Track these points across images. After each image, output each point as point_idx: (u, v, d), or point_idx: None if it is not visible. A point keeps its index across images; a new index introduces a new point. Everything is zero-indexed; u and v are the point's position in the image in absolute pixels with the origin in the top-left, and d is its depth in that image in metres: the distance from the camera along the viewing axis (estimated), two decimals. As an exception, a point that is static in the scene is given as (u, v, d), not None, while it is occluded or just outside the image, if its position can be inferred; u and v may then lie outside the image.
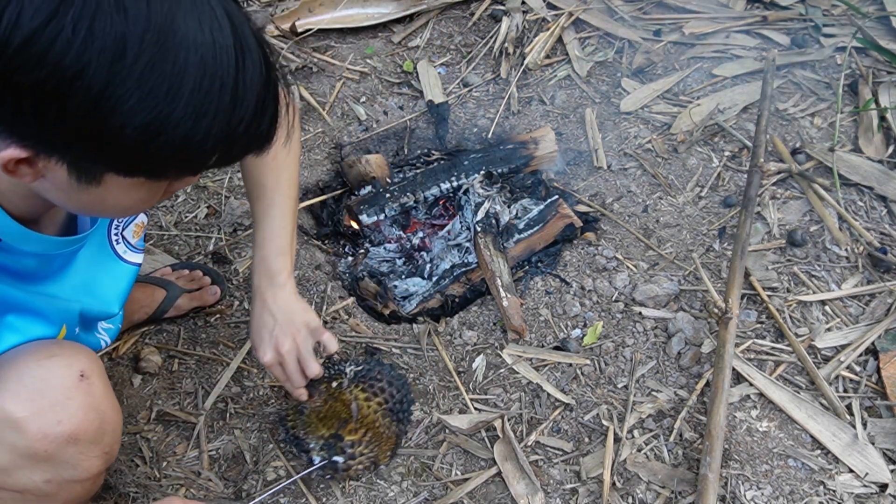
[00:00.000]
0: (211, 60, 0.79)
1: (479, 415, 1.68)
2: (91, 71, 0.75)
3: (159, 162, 0.85)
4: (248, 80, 0.83)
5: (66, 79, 0.75)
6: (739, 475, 1.57)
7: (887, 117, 2.14)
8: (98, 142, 0.81)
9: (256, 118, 0.86)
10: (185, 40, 0.77)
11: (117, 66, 0.75)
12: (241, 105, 0.83)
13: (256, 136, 0.89)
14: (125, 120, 0.78)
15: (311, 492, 1.60)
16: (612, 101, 2.31)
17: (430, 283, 1.99)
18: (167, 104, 0.78)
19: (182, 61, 0.77)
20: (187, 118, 0.80)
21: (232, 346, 1.83)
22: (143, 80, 0.76)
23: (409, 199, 2.05)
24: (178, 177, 0.93)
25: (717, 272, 1.90)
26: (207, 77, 0.79)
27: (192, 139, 0.82)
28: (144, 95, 0.77)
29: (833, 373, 1.70)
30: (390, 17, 2.53)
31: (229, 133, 0.84)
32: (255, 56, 0.84)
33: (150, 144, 0.81)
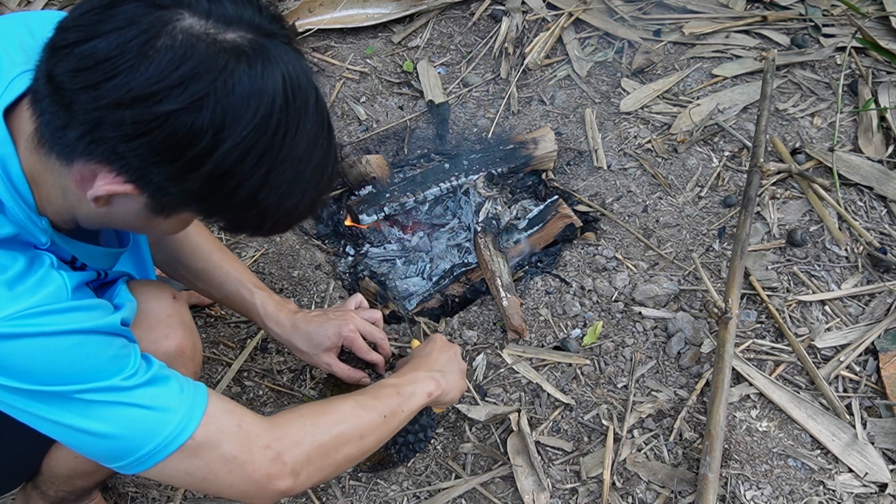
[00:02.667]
0: (321, 144, 0.94)
1: (496, 407, 1.68)
2: (263, 151, 0.88)
3: (255, 224, 0.98)
4: (331, 157, 0.98)
5: (236, 156, 0.87)
6: (739, 475, 1.57)
7: (887, 117, 2.14)
8: (224, 203, 0.92)
9: (327, 188, 1.01)
10: (312, 131, 0.92)
11: (284, 149, 0.89)
12: (323, 179, 0.98)
13: (320, 205, 1.03)
14: (270, 192, 0.91)
15: (311, 491, 1.60)
16: (611, 101, 2.31)
17: (430, 283, 1.99)
18: (296, 183, 0.93)
19: (311, 148, 0.92)
20: (301, 193, 0.95)
21: (232, 346, 1.84)
22: (294, 160, 0.91)
23: (408, 198, 2.05)
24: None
25: (717, 272, 1.90)
26: (317, 157, 0.94)
27: (296, 210, 0.97)
28: (290, 174, 0.91)
29: (833, 373, 1.70)
30: (390, 17, 2.53)
31: (311, 202, 0.99)
32: (334, 138, 0.99)
33: (267, 213, 0.95)
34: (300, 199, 0.95)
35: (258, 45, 0.87)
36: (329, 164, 0.97)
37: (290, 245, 2.01)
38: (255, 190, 0.90)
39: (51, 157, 0.90)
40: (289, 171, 0.91)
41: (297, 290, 1.93)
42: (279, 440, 1.06)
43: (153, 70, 0.81)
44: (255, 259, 1.96)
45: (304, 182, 0.93)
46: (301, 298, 1.93)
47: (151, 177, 0.87)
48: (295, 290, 1.93)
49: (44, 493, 1.38)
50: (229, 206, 0.92)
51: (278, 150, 0.88)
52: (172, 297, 1.24)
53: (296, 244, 2.02)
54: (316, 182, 0.96)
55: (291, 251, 2.00)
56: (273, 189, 0.91)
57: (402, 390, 1.31)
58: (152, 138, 0.83)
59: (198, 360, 1.27)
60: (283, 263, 1.97)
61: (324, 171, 0.96)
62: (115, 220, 0.99)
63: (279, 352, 1.83)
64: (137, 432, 0.94)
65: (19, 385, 0.89)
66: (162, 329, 1.18)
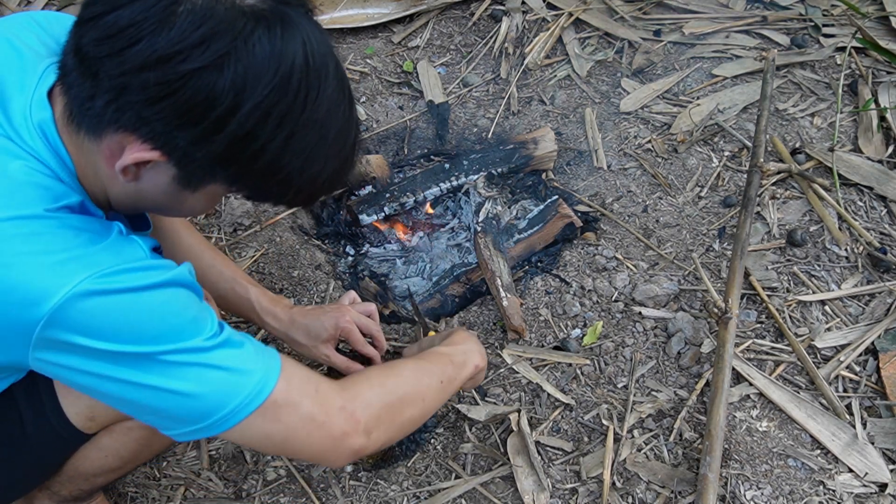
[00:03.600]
0: (343, 110, 0.96)
1: (496, 407, 1.68)
2: (284, 114, 0.89)
3: (278, 192, 1.00)
4: (352, 127, 1.00)
5: (260, 118, 0.89)
6: (739, 475, 1.57)
7: (887, 117, 2.14)
8: (248, 168, 0.93)
9: (349, 160, 1.02)
10: (333, 97, 0.94)
11: (305, 113, 0.91)
12: (346, 147, 0.99)
13: (346, 175, 1.04)
14: (293, 157, 0.93)
15: (312, 490, 1.60)
16: (611, 101, 2.31)
17: (430, 283, 1.99)
18: (319, 147, 0.95)
19: (333, 114, 0.94)
20: (324, 159, 0.96)
21: (232, 346, 1.83)
22: (316, 125, 0.92)
23: (409, 198, 2.05)
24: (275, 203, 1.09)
25: (717, 272, 1.90)
26: (339, 123, 0.96)
27: (318, 178, 0.98)
28: (312, 138, 0.93)
29: (833, 373, 1.70)
30: (390, 17, 2.53)
31: (335, 170, 1.00)
32: (355, 108, 1.01)
33: (291, 179, 0.96)
34: (323, 166, 0.97)
35: (278, 10, 0.89)
36: (351, 132, 0.99)
37: (290, 245, 2.01)
38: (278, 153, 0.91)
39: (80, 133, 0.92)
40: (311, 134, 0.92)
41: (297, 290, 1.93)
42: (352, 401, 1.08)
43: (175, 33, 0.83)
44: (254, 259, 1.96)
45: (327, 147, 0.95)
46: (301, 298, 1.92)
47: (177, 141, 0.89)
48: (295, 290, 1.93)
49: (55, 493, 1.38)
50: (253, 171, 0.94)
51: (300, 113, 0.90)
52: None
53: (296, 244, 2.02)
54: (339, 149, 0.97)
55: (291, 251, 2.00)
56: (296, 154, 0.93)
57: (455, 359, 1.33)
58: (176, 99, 0.85)
59: None
60: (283, 263, 1.97)
61: (346, 139, 0.98)
62: (145, 198, 1.00)
63: (279, 351, 1.82)
64: (220, 393, 0.95)
65: (106, 346, 0.89)
66: None
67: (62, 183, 0.95)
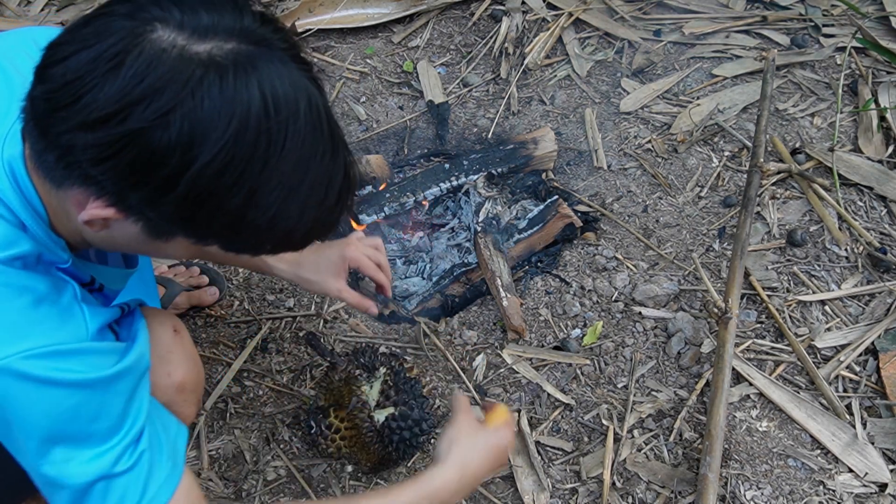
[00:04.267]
0: (318, 161, 0.87)
1: None
2: (242, 170, 0.82)
3: (249, 244, 0.93)
4: (336, 175, 0.90)
5: (220, 182, 0.81)
6: (739, 475, 1.57)
7: (887, 117, 2.14)
8: (210, 226, 0.87)
9: (336, 207, 0.93)
10: (304, 146, 0.85)
11: (268, 167, 0.82)
12: (328, 198, 0.90)
13: (331, 224, 0.96)
14: (258, 213, 0.85)
15: (312, 490, 1.60)
16: (611, 101, 2.31)
17: (430, 283, 1.99)
18: (289, 202, 0.86)
19: (304, 165, 0.86)
20: (298, 213, 0.88)
21: (232, 346, 1.84)
22: (282, 179, 0.84)
23: (409, 198, 2.05)
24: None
25: (717, 272, 1.90)
26: (314, 175, 0.87)
27: (295, 230, 0.91)
28: (279, 194, 0.85)
29: (833, 373, 1.70)
30: (390, 17, 2.53)
31: (315, 222, 0.92)
32: (342, 154, 0.91)
33: (261, 235, 0.90)
34: (298, 220, 0.89)
35: (238, 54, 0.81)
36: (335, 180, 0.90)
37: (290, 245, 2.01)
38: (240, 211, 0.84)
39: (45, 180, 0.88)
40: (277, 190, 0.84)
41: (297, 290, 1.93)
42: None
43: (115, 88, 0.77)
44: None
45: (300, 201, 0.87)
46: (301, 298, 1.93)
47: (130, 200, 0.83)
48: (295, 290, 1.93)
49: None
50: (216, 229, 0.88)
51: (261, 168, 0.82)
52: (173, 331, 1.23)
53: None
54: (318, 200, 0.89)
55: (291, 251, 2.00)
56: (261, 209, 0.85)
57: (463, 491, 1.20)
58: (119, 160, 0.79)
59: (199, 390, 1.29)
60: (283, 263, 1.97)
61: (328, 188, 0.89)
62: (120, 244, 0.96)
63: (279, 352, 1.83)
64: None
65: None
66: (164, 367, 1.18)
67: (19, 228, 0.90)
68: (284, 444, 1.68)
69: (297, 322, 1.88)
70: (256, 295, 1.93)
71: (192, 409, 1.27)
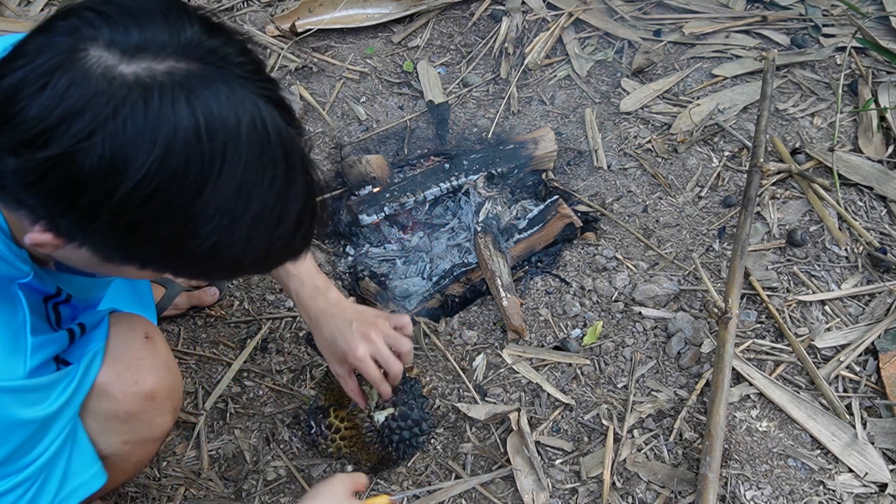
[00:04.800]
0: (266, 188, 0.80)
1: (496, 407, 1.68)
2: (170, 199, 0.76)
3: (196, 272, 0.90)
4: (291, 203, 0.84)
5: (157, 205, 0.76)
6: (739, 475, 1.57)
7: (887, 117, 2.14)
8: (147, 255, 0.84)
9: (291, 237, 0.87)
10: (247, 171, 0.78)
11: (202, 196, 0.77)
12: (283, 225, 0.84)
13: (291, 252, 0.91)
14: (197, 242, 0.80)
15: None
16: (612, 101, 2.31)
17: (430, 283, 1.99)
18: (232, 231, 0.80)
19: (247, 192, 0.79)
20: (244, 243, 0.82)
21: (232, 346, 1.84)
22: (220, 208, 0.78)
23: (408, 198, 2.05)
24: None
25: (717, 272, 1.90)
26: (261, 203, 0.81)
27: (243, 260, 0.85)
28: (219, 223, 0.79)
29: (833, 373, 1.70)
30: (390, 17, 2.53)
31: (268, 250, 0.86)
32: (300, 180, 0.85)
33: (205, 264, 0.85)
34: (245, 248, 0.83)
35: (172, 74, 0.75)
36: (288, 207, 0.83)
37: (290, 245, 2.01)
38: (175, 241, 0.80)
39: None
40: (215, 219, 0.78)
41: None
42: None
43: (37, 110, 0.73)
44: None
45: (243, 230, 0.80)
46: (301, 298, 1.93)
47: (60, 227, 0.80)
48: (295, 290, 1.93)
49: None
50: (155, 258, 0.84)
51: (192, 197, 0.76)
52: (145, 337, 1.20)
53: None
54: (267, 229, 0.82)
55: (291, 251, 2.00)
56: (200, 239, 0.79)
57: None
58: (45, 186, 0.76)
59: (175, 398, 1.25)
60: (283, 263, 1.97)
61: (279, 216, 0.83)
62: (78, 265, 0.92)
63: (279, 352, 1.83)
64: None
65: None
66: (132, 374, 1.16)
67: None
68: (284, 444, 1.68)
69: (297, 322, 1.88)
70: (256, 295, 1.93)
71: (166, 418, 1.24)
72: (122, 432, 1.17)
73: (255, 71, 0.81)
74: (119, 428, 1.16)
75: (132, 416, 1.16)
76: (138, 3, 0.79)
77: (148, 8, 0.78)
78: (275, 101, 0.82)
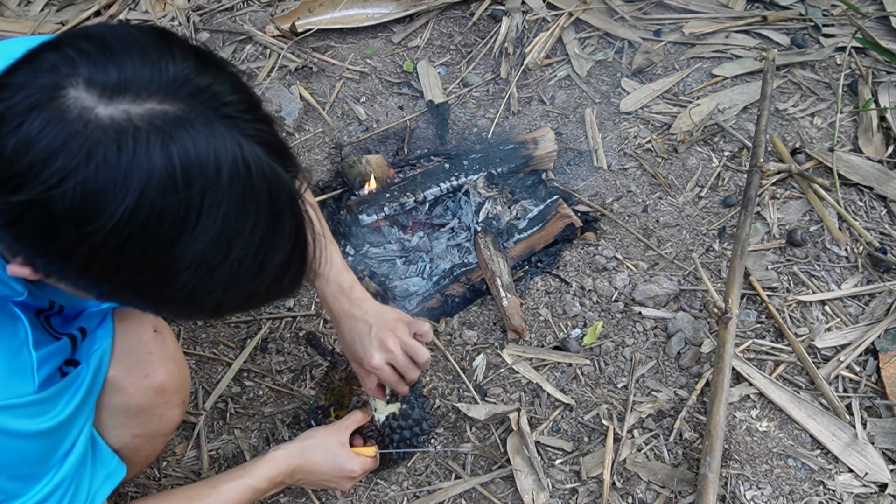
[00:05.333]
0: (247, 236, 0.77)
1: (496, 406, 1.68)
2: (143, 247, 0.74)
3: (176, 314, 0.92)
4: (276, 249, 0.81)
5: (135, 245, 0.74)
6: (739, 475, 1.57)
7: (887, 117, 2.14)
8: (124, 298, 0.83)
9: (277, 281, 0.84)
10: (226, 220, 0.75)
11: (178, 244, 0.75)
12: (266, 272, 0.82)
13: (278, 294, 0.88)
14: (174, 289, 0.78)
15: (312, 491, 1.60)
16: (611, 101, 2.31)
17: (430, 283, 1.99)
18: (210, 280, 0.78)
19: (226, 241, 0.76)
20: (223, 289, 0.80)
21: (232, 346, 1.84)
22: (196, 257, 0.76)
23: (408, 198, 2.05)
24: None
25: (717, 272, 1.90)
26: (241, 251, 0.78)
27: (223, 305, 0.83)
28: (196, 272, 0.77)
29: (833, 373, 1.70)
30: (390, 17, 2.53)
31: (250, 295, 0.84)
32: (287, 225, 0.81)
33: (183, 310, 0.85)
34: (223, 295, 0.80)
35: (151, 117, 0.72)
36: (272, 255, 0.80)
37: (290, 245, 2.01)
38: (150, 287, 0.78)
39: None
40: (191, 268, 0.76)
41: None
42: None
43: (10, 151, 0.71)
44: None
45: (222, 279, 0.78)
46: (301, 298, 1.93)
47: (37, 264, 0.79)
48: (295, 290, 1.93)
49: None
50: (131, 299, 0.83)
51: (166, 246, 0.74)
52: (153, 331, 1.20)
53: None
54: (247, 277, 0.80)
55: (291, 251, 2.00)
56: (177, 286, 0.77)
57: (259, 489, 1.34)
58: (19, 227, 0.74)
59: (184, 391, 1.27)
60: (283, 263, 1.97)
61: (261, 263, 0.80)
62: (67, 291, 0.89)
63: (279, 352, 1.83)
64: None
65: None
66: (142, 368, 1.17)
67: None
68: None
69: (297, 322, 1.88)
70: (256, 295, 1.92)
71: (176, 411, 1.25)
72: (132, 426, 1.19)
73: (248, 109, 0.78)
74: (130, 422, 1.18)
75: (143, 410, 1.18)
76: (120, 39, 0.75)
77: (129, 43, 0.75)
78: (265, 142, 0.78)
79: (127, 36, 0.76)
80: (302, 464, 1.39)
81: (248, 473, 1.33)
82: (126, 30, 0.77)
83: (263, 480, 1.34)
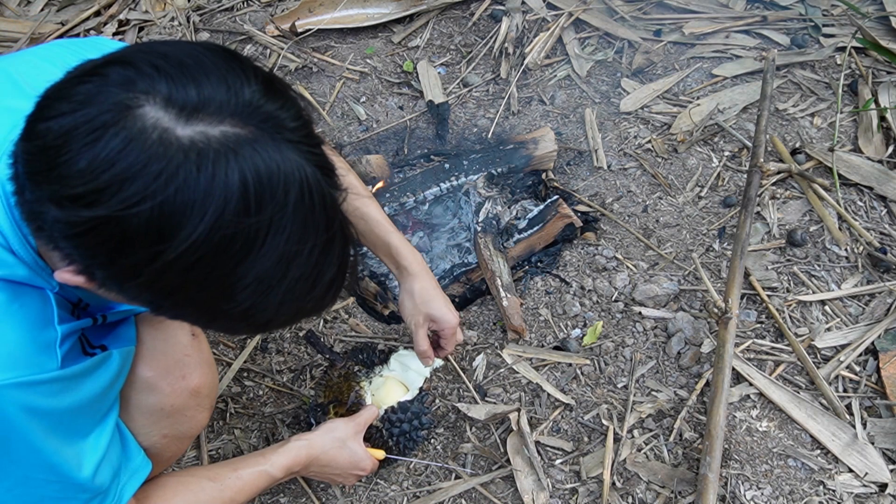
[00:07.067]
0: (305, 258, 0.80)
1: (496, 406, 1.68)
2: (212, 268, 0.76)
3: (225, 329, 0.93)
4: (327, 268, 0.83)
5: (206, 269, 0.76)
6: (739, 475, 1.57)
7: (887, 117, 2.14)
8: (179, 313, 0.85)
9: (323, 297, 0.86)
10: (289, 242, 0.77)
11: (243, 265, 0.76)
12: (316, 290, 0.84)
13: (319, 310, 0.90)
14: (231, 306, 0.80)
15: (312, 491, 1.60)
16: (611, 101, 2.31)
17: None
18: (265, 298, 0.80)
19: (286, 262, 0.78)
20: (276, 307, 0.82)
21: (232, 346, 1.84)
22: (258, 277, 0.78)
23: (408, 198, 2.05)
24: None
25: (717, 272, 1.90)
26: (299, 271, 0.80)
27: (273, 321, 0.86)
28: (255, 289, 0.79)
29: (833, 373, 1.70)
30: (390, 17, 2.53)
31: (297, 311, 0.86)
32: (338, 245, 0.84)
33: (234, 325, 0.87)
34: (276, 313, 0.83)
35: (226, 140, 0.73)
36: (322, 276, 0.83)
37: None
38: (209, 304, 0.80)
39: None
40: (252, 286, 0.78)
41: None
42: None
43: (86, 166, 0.71)
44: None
45: (277, 297, 0.80)
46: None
47: (96, 276, 0.80)
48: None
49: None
50: (186, 316, 0.85)
51: (234, 266, 0.76)
52: (191, 334, 1.23)
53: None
54: (299, 295, 0.82)
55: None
56: (235, 303, 0.79)
57: (275, 475, 1.36)
58: (85, 241, 0.75)
59: (214, 395, 1.30)
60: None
61: (313, 283, 0.82)
62: (120, 301, 0.92)
63: (279, 352, 1.83)
64: None
65: None
66: (179, 370, 1.19)
67: (8, 251, 0.88)
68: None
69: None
70: (256, 295, 1.92)
71: (205, 414, 1.28)
72: (164, 426, 1.20)
73: (308, 134, 0.80)
74: (162, 422, 1.19)
75: (177, 411, 1.20)
76: (195, 57, 0.76)
77: (204, 63, 0.76)
78: (320, 164, 0.80)
79: (200, 55, 0.76)
80: (319, 457, 1.42)
81: (269, 461, 1.35)
82: (196, 48, 0.77)
83: (282, 469, 1.36)
